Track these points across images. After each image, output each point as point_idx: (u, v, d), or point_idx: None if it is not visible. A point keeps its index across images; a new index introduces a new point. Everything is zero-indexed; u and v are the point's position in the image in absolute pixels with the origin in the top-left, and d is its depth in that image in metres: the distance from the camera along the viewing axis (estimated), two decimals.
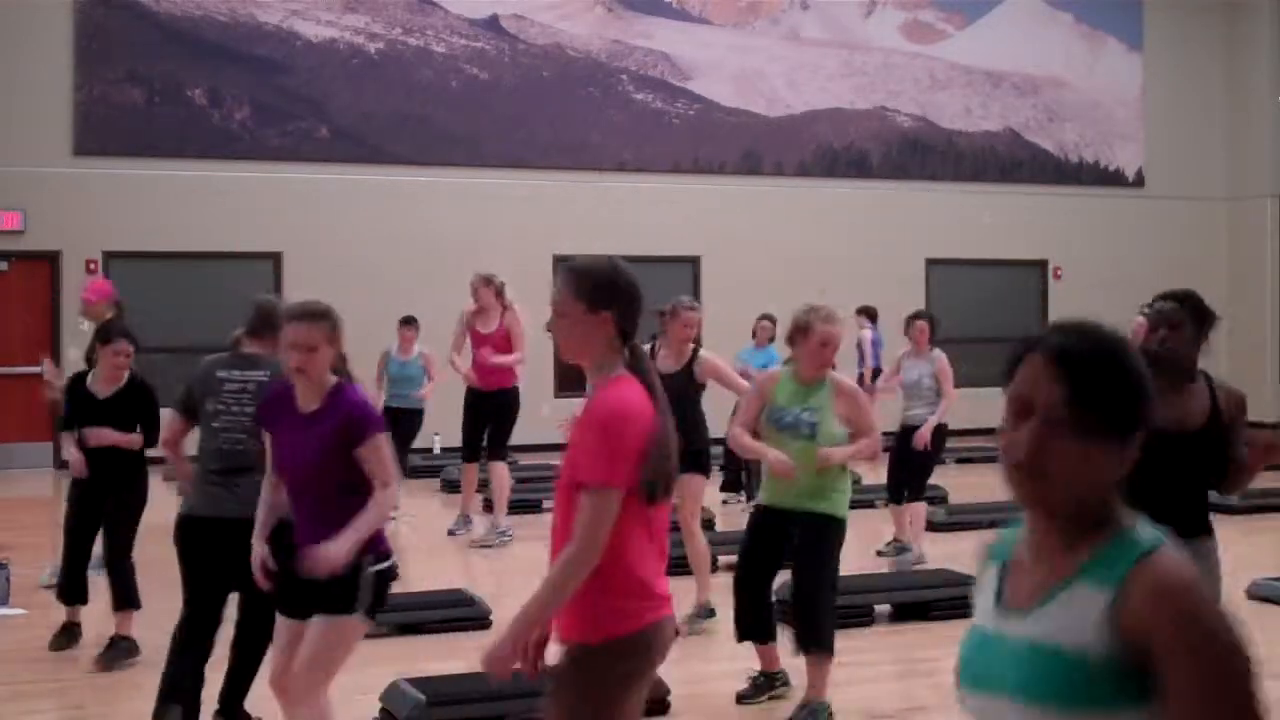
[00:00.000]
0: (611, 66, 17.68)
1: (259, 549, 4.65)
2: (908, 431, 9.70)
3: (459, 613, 7.52)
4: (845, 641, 7.26)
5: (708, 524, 9.37)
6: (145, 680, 6.66)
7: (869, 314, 15.27)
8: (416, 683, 5.88)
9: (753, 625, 6.24)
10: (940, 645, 7.25)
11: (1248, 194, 20.23)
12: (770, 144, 18.22)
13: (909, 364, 9.92)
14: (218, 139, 15.95)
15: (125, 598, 7.30)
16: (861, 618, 7.51)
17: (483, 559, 10.18)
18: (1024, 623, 1.90)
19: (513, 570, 9.31)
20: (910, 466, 9.73)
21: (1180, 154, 20.24)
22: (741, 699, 6.31)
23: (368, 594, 4.48)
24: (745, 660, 7.26)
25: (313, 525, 4.40)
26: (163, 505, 12.87)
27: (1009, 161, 19.52)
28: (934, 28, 19.37)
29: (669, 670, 6.28)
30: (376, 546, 4.49)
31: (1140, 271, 19.76)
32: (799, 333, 6.09)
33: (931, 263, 18.78)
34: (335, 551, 4.28)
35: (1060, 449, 1.87)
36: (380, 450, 4.45)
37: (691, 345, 7.88)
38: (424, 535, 11.02)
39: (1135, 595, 1.81)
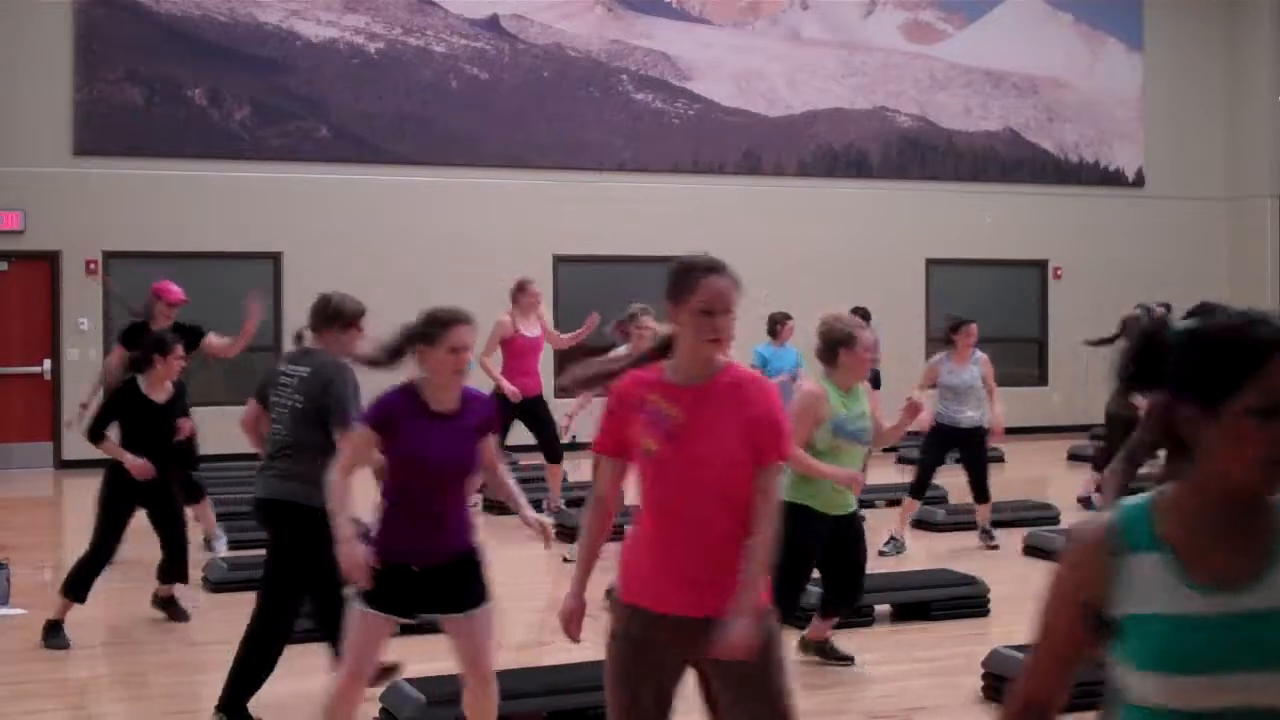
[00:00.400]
0: (611, 66, 17.68)
1: (356, 550, 4.62)
2: (955, 433, 10.05)
3: None
4: (845, 641, 7.26)
5: None
6: (146, 681, 6.67)
7: (863, 315, 15.18)
8: (416, 683, 5.88)
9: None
10: (940, 645, 7.26)
11: (1248, 194, 20.23)
12: (770, 144, 18.22)
13: (953, 367, 10.15)
14: (218, 139, 15.95)
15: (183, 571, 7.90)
16: (862, 618, 7.51)
17: None
18: (1254, 595, 2.00)
19: (513, 570, 9.30)
20: (978, 465, 10.20)
21: (1180, 154, 20.24)
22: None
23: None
24: None
25: (440, 516, 4.64)
26: None
27: (1009, 161, 19.52)
28: (934, 28, 19.37)
29: None
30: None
31: (1140, 271, 19.78)
32: (844, 344, 6.32)
33: (931, 263, 18.77)
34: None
35: None
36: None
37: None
38: None
39: None
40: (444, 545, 4.68)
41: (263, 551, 5.74)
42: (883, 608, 7.81)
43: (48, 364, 15.37)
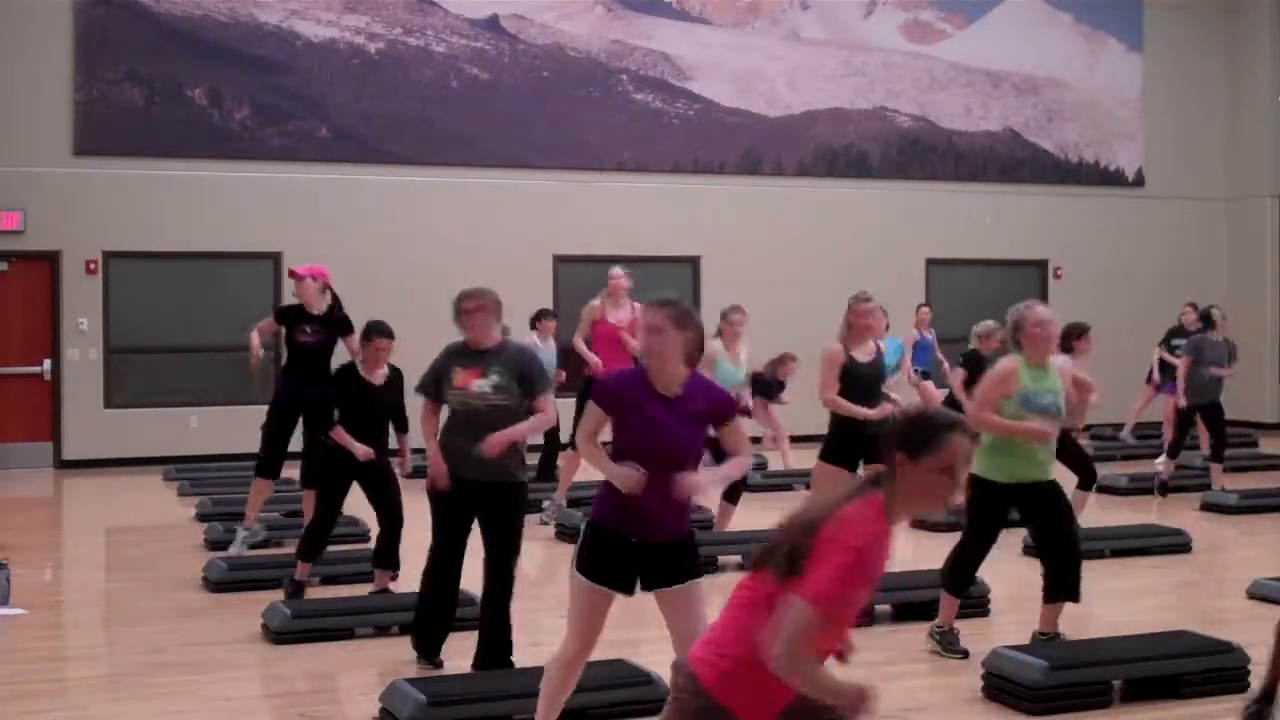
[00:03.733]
0: (611, 66, 17.68)
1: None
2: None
3: (459, 613, 7.50)
4: None
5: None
6: (146, 681, 6.66)
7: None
8: (416, 683, 5.88)
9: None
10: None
11: (1248, 194, 20.23)
12: (770, 144, 18.22)
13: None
14: (218, 139, 15.94)
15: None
16: (862, 617, 7.50)
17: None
18: None
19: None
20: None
21: (1180, 154, 20.25)
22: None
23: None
24: None
25: (659, 498, 4.72)
26: (164, 507, 12.91)
27: (1009, 161, 19.52)
28: (934, 28, 19.37)
29: (668, 670, 6.28)
30: None
31: (1140, 271, 19.80)
32: (1015, 329, 6.95)
33: (931, 263, 18.78)
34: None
35: None
36: (741, 427, 5.04)
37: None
38: (424, 535, 10.99)
39: None
40: (660, 527, 4.79)
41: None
42: (883, 608, 7.81)
43: (48, 364, 15.36)
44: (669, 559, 4.80)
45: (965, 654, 6.93)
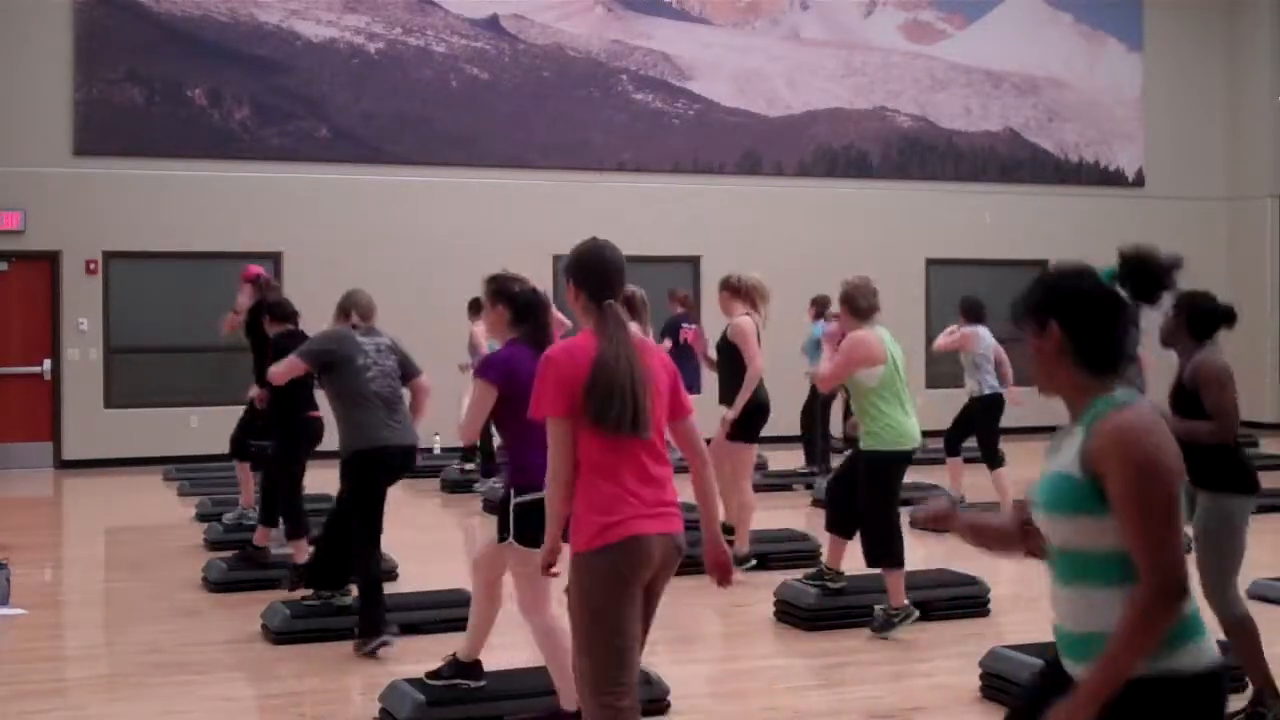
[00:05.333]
0: (611, 66, 17.68)
1: None
2: None
3: (459, 613, 7.49)
4: (845, 641, 7.27)
5: None
6: (146, 681, 6.67)
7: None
8: (416, 683, 5.88)
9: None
10: (940, 645, 7.25)
11: (1248, 194, 20.23)
12: (770, 144, 18.23)
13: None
14: (218, 139, 15.95)
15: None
16: (861, 617, 7.51)
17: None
18: (1049, 461, 2.90)
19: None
20: None
21: (1180, 154, 20.25)
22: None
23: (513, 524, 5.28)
24: (743, 662, 7.27)
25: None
26: (164, 507, 12.90)
27: (1009, 161, 19.52)
28: (934, 28, 19.37)
29: (668, 670, 6.29)
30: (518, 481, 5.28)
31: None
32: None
33: (931, 263, 18.78)
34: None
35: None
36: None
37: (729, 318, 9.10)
38: (424, 535, 11.02)
39: (1094, 435, 2.79)
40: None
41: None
42: (883, 607, 7.80)
43: (48, 364, 15.37)
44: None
45: (913, 613, 7.36)
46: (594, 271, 4.21)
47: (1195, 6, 20.40)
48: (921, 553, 9.97)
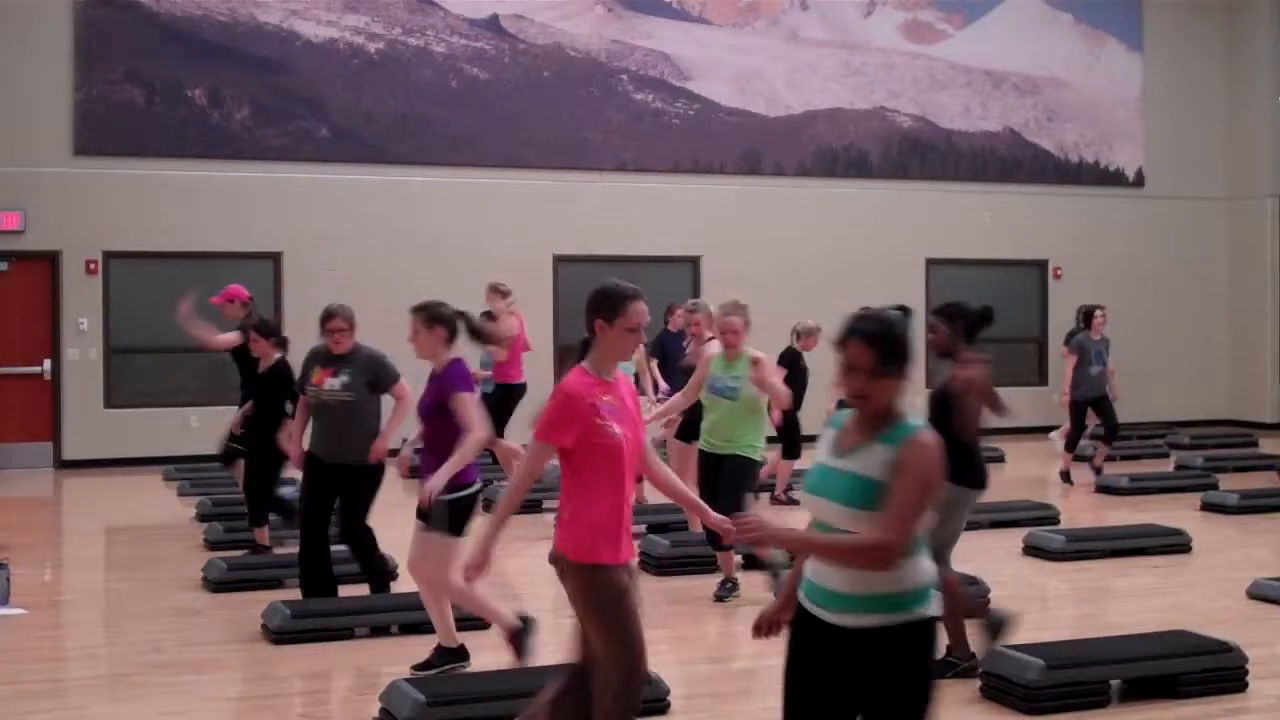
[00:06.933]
0: (611, 66, 17.68)
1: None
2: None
3: (458, 613, 7.51)
4: None
5: None
6: (146, 681, 6.67)
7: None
8: (416, 683, 5.88)
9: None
10: (940, 645, 7.26)
11: (1248, 194, 20.23)
12: (770, 144, 18.23)
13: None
14: (218, 139, 15.95)
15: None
16: None
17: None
18: (846, 461, 3.52)
19: (512, 571, 9.31)
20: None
21: (1180, 154, 20.24)
22: (719, 599, 8.29)
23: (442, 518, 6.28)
24: (743, 662, 7.27)
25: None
26: (164, 507, 12.90)
27: (1009, 161, 19.52)
28: (934, 28, 19.37)
29: (668, 670, 6.29)
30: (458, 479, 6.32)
31: (1140, 271, 19.80)
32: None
33: (931, 263, 18.78)
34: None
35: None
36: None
37: (708, 338, 9.65)
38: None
39: (902, 449, 3.45)
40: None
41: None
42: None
43: (48, 364, 15.36)
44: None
45: (735, 585, 8.26)
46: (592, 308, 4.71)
47: (1195, 6, 20.40)
48: None
